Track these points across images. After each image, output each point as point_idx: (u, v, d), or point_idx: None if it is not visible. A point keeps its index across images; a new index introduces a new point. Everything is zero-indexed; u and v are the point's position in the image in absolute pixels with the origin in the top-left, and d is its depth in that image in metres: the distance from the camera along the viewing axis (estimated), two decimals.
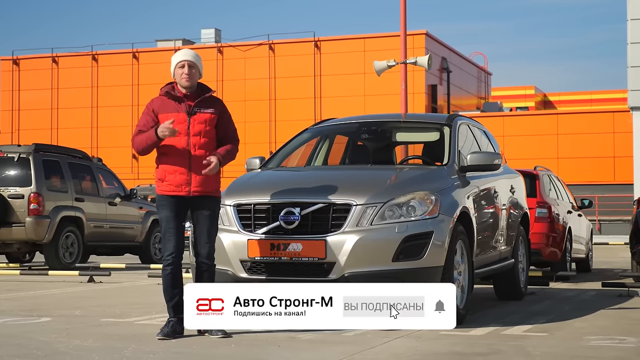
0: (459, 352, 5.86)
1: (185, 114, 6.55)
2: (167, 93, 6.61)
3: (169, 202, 6.54)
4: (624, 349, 6.07)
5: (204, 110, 6.59)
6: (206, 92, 6.68)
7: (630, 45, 24.66)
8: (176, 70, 6.61)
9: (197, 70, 6.62)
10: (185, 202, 6.57)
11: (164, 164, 6.57)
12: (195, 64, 6.60)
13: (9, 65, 48.34)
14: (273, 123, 43.79)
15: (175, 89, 6.64)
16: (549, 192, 13.51)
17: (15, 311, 8.24)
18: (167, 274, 6.53)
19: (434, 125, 8.83)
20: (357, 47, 43.12)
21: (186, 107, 6.57)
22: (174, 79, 6.69)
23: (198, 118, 6.55)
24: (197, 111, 6.57)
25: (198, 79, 6.67)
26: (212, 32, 48.52)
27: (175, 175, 6.51)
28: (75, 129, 46.35)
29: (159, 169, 6.60)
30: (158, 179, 6.59)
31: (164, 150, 6.56)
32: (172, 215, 6.53)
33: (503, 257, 9.04)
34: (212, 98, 6.69)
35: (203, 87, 6.72)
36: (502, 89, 63.45)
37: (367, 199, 6.86)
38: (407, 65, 21.16)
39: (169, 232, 6.53)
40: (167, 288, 6.54)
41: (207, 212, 6.58)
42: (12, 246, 14.81)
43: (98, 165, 16.36)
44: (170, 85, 6.67)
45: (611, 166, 40.34)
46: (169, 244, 6.52)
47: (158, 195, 6.61)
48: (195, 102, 6.59)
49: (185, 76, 6.56)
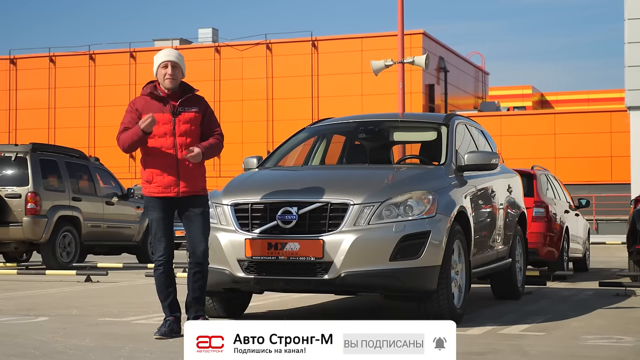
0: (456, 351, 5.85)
1: (169, 114, 6.50)
2: (150, 93, 6.55)
3: (158, 204, 6.52)
4: (621, 348, 6.07)
5: (189, 109, 6.54)
6: (189, 91, 6.63)
7: (627, 45, 24.66)
8: (159, 70, 6.55)
9: (179, 70, 6.56)
10: (173, 203, 6.54)
11: (150, 165, 6.53)
12: (178, 64, 6.53)
13: (6, 64, 48.28)
14: (270, 122, 43.77)
15: (157, 88, 6.58)
16: (546, 191, 13.52)
17: (12, 310, 8.23)
18: (159, 274, 6.54)
19: (431, 125, 8.83)
20: (355, 46, 43.12)
21: (170, 107, 6.52)
22: (156, 79, 6.62)
23: (183, 118, 6.51)
24: (182, 111, 6.52)
25: (181, 79, 6.61)
26: (209, 31, 48.49)
27: (163, 177, 6.47)
28: (72, 128, 46.31)
29: (145, 170, 6.56)
30: (145, 180, 6.55)
31: (150, 151, 6.51)
32: (161, 217, 6.52)
33: (500, 256, 9.04)
34: (195, 97, 6.64)
35: (185, 86, 6.66)
36: (500, 89, 63.48)
37: (365, 198, 6.86)
38: (404, 64, 21.17)
39: (159, 234, 6.52)
40: (160, 288, 6.55)
41: (199, 210, 6.55)
42: (9, 246, 14.79)
43: (95, 165, 16.35)
44: (152, 85, 6.60)
45: (608, 166, 40.36)
46: (159, 246, 6.52)
47: (146, 197, 6.59)
48: (179, 102, 6.54)
49: (169, 77, 6.51)
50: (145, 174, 6.56)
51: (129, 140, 6.49)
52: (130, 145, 6.50)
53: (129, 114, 6.56)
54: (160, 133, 6.47)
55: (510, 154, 34.94)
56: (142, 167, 6.60)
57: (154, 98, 6.54)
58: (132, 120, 6.52)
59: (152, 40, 48.79)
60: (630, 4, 24.47)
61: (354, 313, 8.38)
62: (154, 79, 6.66)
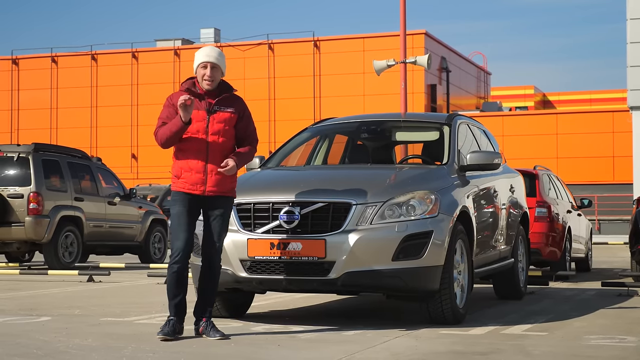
0: (458, 351, 5.86)
1: (205, 112, 6.44)
2: (187, 89, 6.47)
3: (183, 198, 6.43)
4: (624, 348, 6.06)
5: (225, 109, 6.48)
6: (227, 90, 6.57)
7: (629, 45, 24.62)
8: (198, 69, 6.49)
9: (219, 71, 6.49)
10: (199, 201, 6.46)
11: (180, 160, 6.46)
12: (217, 65, 6.46)
13: (8, 64, 48.32)
14: (272, 123, 43.79)
15: (196, 85, 6.51)
16: (548, 191, 13.51)
17: (15, 310, 8.23)
18: (172, 272, 6.40)
19: (433, 125, 8.83)
20: (357, 46, 43.13)
21: (206, 105, 6.45)
22: (195, 75, 6.56)
23: (218, 117, 6.45)
24: (218, 110, 6.46)
25: (220, 78, 6.54)
26: (211, 31, 48.52)
27: (191, 174, 6.41)
28: (74, 128, 46.34)
29: (175, 165, 6.49)
30: (174, 175, 6.47)
31: (182, 147, 6.44)
32: (184, 211, 6.41)
33: (503, 256, 9.03)
34: (233, 97, 6.58)
35: (225, 84, 6.60)
36: (502, 89, 63.46)
37: (367, 198, 6.85)
38: (406, 64, 21.17)
39: (179, 228, 6.39)
40: (171, 286, 6.43)
41: (219, 211, 6.48)
42: (11, 246, 14.79)
43: (97, 165, 16.36)
44: (191, 81, 6.53)
45: (610, 166, 40.35)
46: (178, 241, 6.38)
47: (173, 191, 6.50)
48: (216, 101, 6.48)
49: (207, 78, 6.45)
50: (175, 168, 6.49)
51: (167, 132, 6.38)
52: (169, 137, 6.39)
53: (167, 108, 6.49)
54: (193, 130, 6.40)
55: (513, 154, 34.92)
56: (174, 162, 6.53)
57: (191, 95, 6.44)
58: (169, 115, 6.44)
59: (154, 41, 48.85)
60: (633, 4, 24.43)
61: (356, 313, 8.38)
62: (193, 76, 6.57)
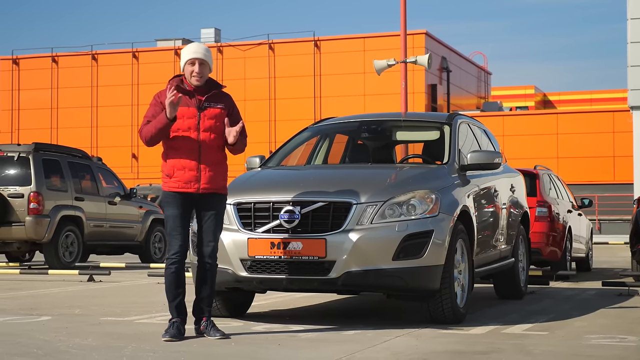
0: (459, 350, 5.86)
1: (195, 108, 6.40)
2: (176, 87, 6.41)
3: (176, 199, 6.39)
4: (625, 348, 6.06)
5: (215, 105, 6.45)
6: (216, 87, 6.55)
7: (630, 45, 24.63)
8: (186, 66, 6.46)
9: (207, 67, 6.47)
10: (192, 200, 6.43)
11: (172, 159, 6.41)
12: (205, 61, 6.44)
13: (8, 64, 48.33)
14: (273, 122, 43.79)
15: (184, 82, 6.49)
16: (549, 191, 13.51)
17: (15, 310, 8.23)
18: (170, 273, 6.39)
19: (434, 124, 8.83)
20: (357, 46, 43.12)
21: (196, 102, 6.43)
22: (182, 73, 6.54)
23: (208, 113, 6.42)
24: (208, 106, 6.43)
25: (208, 74, 6.53)
26: (211, 31, 48.49)
27: (184, 172, 6.36)
28: (75, 128, 46.35)
29: (166, 164, 6.44)
30: (165, 174, 6.42)
31: (173, 145, 6.40)
32: (179, 213, 6.39)
33: (503, 256, 9.03)
34: (222, 93, 6.56)
35: (212, 81, 6.58)
36: (502, 89, 63.46)
37: (367, 197, 6.85)
38: (407, 64, 21.16)
39: (175, 231, 6.38)
40: (169, 288, 6.41)
41: (214, 210, 6.46)
42: (11, 245, 14.79)
43: (98, 165, 16.35)
44: (179, 79, 6.50)
45: (611, 166, 40.34)
46: (174, 243, 6.38)
47: (165, 192, 6.45)
48: (206, 97, 6.45)
49: (196, 75, 6.42)
50: (166, 168, 6.43)
51: (152, 130, 6.33)
52: (154, 135, 6.35)
53: (153, 107, 6.44)
54: (184, 127, 6.36)
55: (513, 153, 34.93)
56: (164, 161, 6.47)
57: (181, 92, 6.39)
58: (155, 113, 6.39)
59: (154, 40, 48.85)
60: (633, 4, 24.44)
61: (356, 313, 8.37)
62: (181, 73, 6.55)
